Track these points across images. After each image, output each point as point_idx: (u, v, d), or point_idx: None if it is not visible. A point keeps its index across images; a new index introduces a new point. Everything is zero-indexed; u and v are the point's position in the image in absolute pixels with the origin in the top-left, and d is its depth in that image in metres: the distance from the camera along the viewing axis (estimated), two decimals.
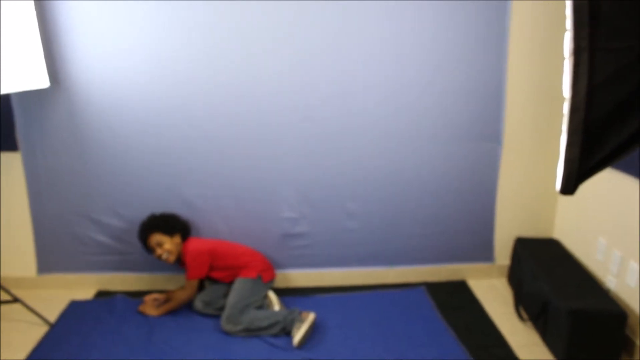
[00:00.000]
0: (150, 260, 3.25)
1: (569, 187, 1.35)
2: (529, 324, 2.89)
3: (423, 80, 3.02)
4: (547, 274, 2.81)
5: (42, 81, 2.83)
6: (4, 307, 2.99)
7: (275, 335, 2.75)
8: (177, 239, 3.00)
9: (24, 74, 2.69)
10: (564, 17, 2.77)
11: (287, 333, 2.75)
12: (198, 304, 2.97)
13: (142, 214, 3.13)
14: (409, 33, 2.94)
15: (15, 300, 2.88)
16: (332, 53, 2.95)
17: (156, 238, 2.95)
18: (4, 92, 2.57)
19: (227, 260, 3.03)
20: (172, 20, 2.86)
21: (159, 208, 3.11)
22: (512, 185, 3.25)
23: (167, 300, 3.03)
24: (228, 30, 2.90)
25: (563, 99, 1.33)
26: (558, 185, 1.37)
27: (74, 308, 3.08)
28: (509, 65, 3.03)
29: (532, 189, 3.28)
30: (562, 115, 3.16)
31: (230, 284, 3.01)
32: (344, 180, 3.16)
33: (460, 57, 3.00)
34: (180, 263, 3.06)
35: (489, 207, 3.29)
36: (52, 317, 2.96)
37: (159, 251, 2.94)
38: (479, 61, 3.01)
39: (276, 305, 2.91)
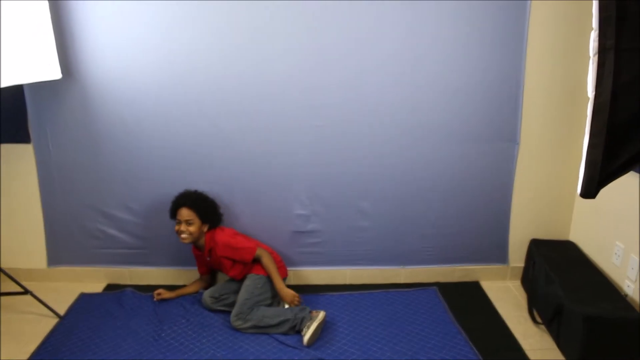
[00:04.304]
0: (160, 255, 3.26)
1: (590, 190, 1.31)
2: (543, 327, 2.84)
3: (439, 80, 2.97)
4: (562, 277, 2.76)
5: (54, 72, 2.82)
6: (15, 299, 2.99)
7: (285, 334, 2.73)
8: (205, 227, 2.97)
9: (37, 65, 2.68)
10: (585, 16, 2.70)
11: (297, 331, 2.73)
12: (207, 299, 2.96)
13: (153, 208, 3.14)
14: (425, 33, 2.90)
15: (26, 292, 2.89)
16: (348, 52, 2.92)
17: (189, 214, 2.90)
18: (16, 82, 2.57)
19: None
20: (186, 14, 2.84)
21: (170, 203, 3.09)
22: (528, 186, 3.20)
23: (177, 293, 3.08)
24: (243, 28, 2.87)
25: (583, 99, 1.29)
26: (579, 188, 1.33)
27: (84, 301, 3.09)
28: (527, 64, 2.97)
29: (548, 190, 3.22)
30: (581, 115, 3.12)
31: (241, 279, 2.99)
32: (356, 178, 3.13)
33: (477, 56, 2.95)
34: (196, 247, 3.03)
35: (503, 208, 3.24)
36: (62, 309, 2.97)
37: (182, 227, 2.89)
38: (496, 60, 2.96)
39: (286, 303, 2.88)
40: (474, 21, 2.88)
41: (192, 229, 2.89)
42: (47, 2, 2.75)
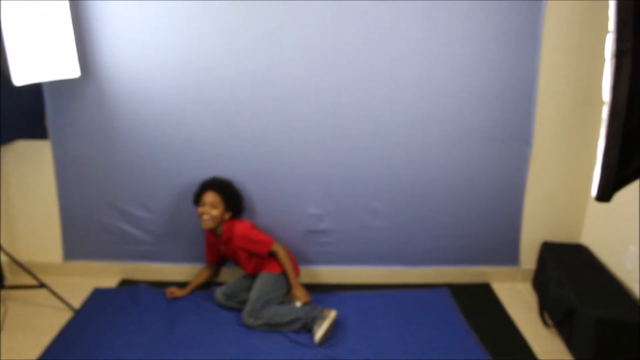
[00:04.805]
0: (174, 251, 3.28)
1: (605, 194, 1.32)
2: (554, 330, 2.84)
3: (452, 81, 2.98)
4: (574, 280, 2.76)
5: (73, 71, 2.86)
6: (31, 292, 3.04)
7: (297, 332, 2.75)
8: (227, 215, 2.99)
9: (56, 64, 2.72)
10: (602, 18, 2.69)
11: (308, 330, 2.75)
12: (220, 296, 2.99)
13: (168, 205, 3.17)
14: (439, 33, 2.91)
15: (42, 285, 2.93)
16: (362, 53, 2.93)
17: (215, 199, 2.93)
18: (37, 80, 2.61)
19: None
20: (202, 15, 2.87)
21: (185, 200, 3.13)
22: (540, 188, 3.20)
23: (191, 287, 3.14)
24: (258, 28, 2.89)
25: (598, 101, 1.30)
26: (594, 191, 1.34)
27: (98, 295, 3.12)
28: (542, 65, 2.97)
29: (561, 192, 3.22)
30: (596, 118, 3.12)
31: (253, 277, 3.02)
32: (369, 178, 3.14)
33: (491, 58, 2.95)
34: (213, 234, 3.04)
35: (516, 210, 3.24)
36: (77, 303, 3.01)
37: (206, 209, 2.91)
38: (510, 62, 2.96)
39: (298, 302, 2.90)
40: (488, 22, 2.89)
41: (215, 212, 2.91)
42: (67, 2, 2.79)
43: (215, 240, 3.05)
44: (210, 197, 2.93)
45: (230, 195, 3.00)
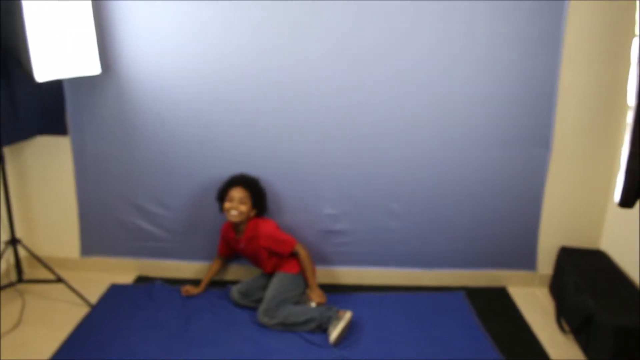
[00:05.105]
0: (190, 249, 3.30)
1: (629, 200, 1.30)
2: (570, 336, 2.81)
3: (472, 84, 2.96)
4: (592, 286, 2.73)
5: (94, 68, 2.88)
6: (48, 286, 3.08)
7: (311, 332, 2.75)
8: (252, 212, 2.99)
9: (77, 61, 2.74)
10: (627, 20, 2.65)
11: (323, 330, 2.74)
12: (235, 294, 2.99)
13: (185, 203, 3.19)
14: (460, 35, 2.89)
15: (59, 280, 2.96)
16: (382, 54, 2.92)
17: (244, 195, 2.92)
18: (58, 77, 2.64)
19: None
20: (222, 14, 2.88)
21: (203, 199, 3.15)
22: (559, 193, 3.16)
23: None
24: (279, 28, 2.90)
25: (620, 106, 1.27)
26: (617, 197, 1.33)
27: (114, 291, 3.15)
28: (563, 68, 2.93)
29: (580, 197, 3.18)
30: (617, 123, 3.08)
31: (269, 276, 3.03)
32: (387, 180, 3.13)
33: (512, 59, 2.92)
34: (234, 229, 3.03)
35: (534, 214, 3.21)
36: (93, 298, 3.03)
37: (235, 204, 2.90)
38: (531, 63, 2.93)
39: (313, 302, 2.90)
40: (509, 23, 2.86)
41: (243, 208, 2.91)
42: (90, 1, 2.82)
43: (235, 236, 3.03)
44: (239, 192, 2.92)
45: (257, 192, 3.00)
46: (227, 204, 2.93)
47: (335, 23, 2.88)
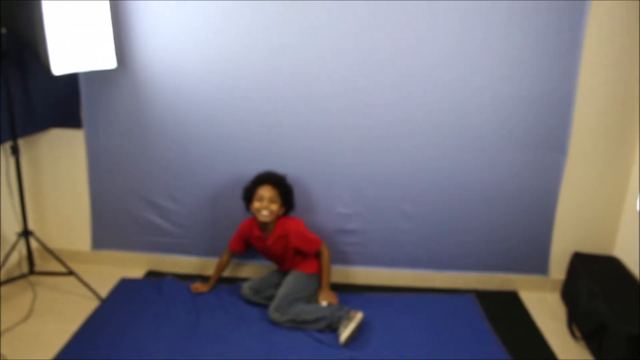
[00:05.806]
0: (201, 245, 3.30)
1: None
2: (582, 343, 2.78)
3: (489, 86, 2.94)
4: (606, 293, 2.70)
5: (110, 62, 2.88)
6: (60, 279, 3.10)
7: (321, 331, 2.74)
8: (281, 211, 2.96)
9: (94, 54, 2.75)
10: None
11: (333, 330, 2.73)
12: (247, 291, 2.99)
13: (197, 198, 3.19)
14: (477, 38, 2.86)
15: (70, 272, 2.97)
16: (398, 54, 2.90)
17: (273, 193, 2.88)
18: (75, 71, 2.64)
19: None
20: (238, 12, 2.87)
21: (215, 195, 3.16)
22: (574, 197, 3.14)
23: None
24: (295, 26, 2.89)
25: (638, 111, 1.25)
26: (639, 205, 1.30)
27: (125, 285, 3.15)
28: (582, 71, 2.90)
29: (595, 202, 3.15)
30: (636, 128, 3.04)
31: (283, 273, 3.03)
32: (400, 180, 3.12)
33: (529, 62, 2.89)
34: (260, 228, 2.98)
35: (547, 218, 3.18)
36: (104, 292, 3.04)
37: (265, 204, 2.85)
38: (549, 66, 2.90)
39: (324, 301, 2.89)
40: (527, 25, 2.83)
41: (274, 207, 2.88)
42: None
43: (261, 234, 2.98)
44: (268, 191, 2.88)
45: (286, 191, 2.96)
46: (256, 204, 2.89)
47: (350, 23, 2.87)
